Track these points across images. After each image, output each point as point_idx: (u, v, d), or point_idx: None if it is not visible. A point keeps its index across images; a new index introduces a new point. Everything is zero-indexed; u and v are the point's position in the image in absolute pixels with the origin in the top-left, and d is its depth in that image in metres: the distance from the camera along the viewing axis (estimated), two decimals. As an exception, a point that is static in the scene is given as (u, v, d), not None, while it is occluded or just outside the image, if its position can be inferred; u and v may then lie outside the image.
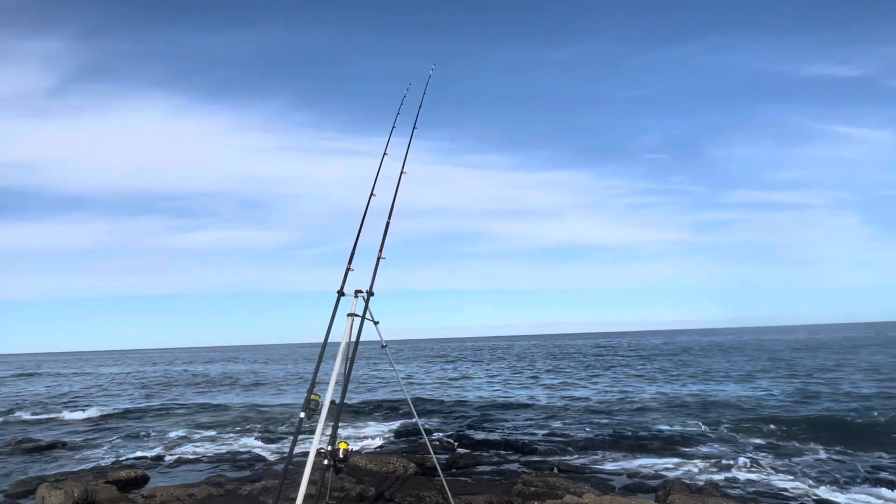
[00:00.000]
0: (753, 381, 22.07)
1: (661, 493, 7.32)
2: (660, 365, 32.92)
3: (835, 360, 30.93)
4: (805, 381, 21.62)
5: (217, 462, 10.78)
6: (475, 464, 9.95)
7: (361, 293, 5.07)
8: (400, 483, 7.90)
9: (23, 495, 8.32)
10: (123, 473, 8.76)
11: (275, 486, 7.51)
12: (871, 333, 79.26)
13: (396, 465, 8.65)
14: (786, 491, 8.06)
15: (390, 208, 5.57)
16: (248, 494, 7.53)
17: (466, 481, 8.34)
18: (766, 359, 34.48)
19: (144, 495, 7.59)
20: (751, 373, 25.64)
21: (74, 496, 7.31)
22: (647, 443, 11.23)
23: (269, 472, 9.23)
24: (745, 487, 8.28)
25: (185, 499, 7.36)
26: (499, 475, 9.00)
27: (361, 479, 8.04)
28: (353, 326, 4.92)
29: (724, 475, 8.96)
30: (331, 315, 4.95)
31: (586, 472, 9.30)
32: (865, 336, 68.88)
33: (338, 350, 4.80)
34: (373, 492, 7.41)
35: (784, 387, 20.04)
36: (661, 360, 37.68)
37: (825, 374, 23.98)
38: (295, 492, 4.24)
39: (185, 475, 9.66)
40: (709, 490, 7.66)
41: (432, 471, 8.22)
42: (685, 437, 11.82)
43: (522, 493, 7.26)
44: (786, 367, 28.11)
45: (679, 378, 24.62)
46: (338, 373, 4.65)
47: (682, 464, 9.86)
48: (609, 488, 8.10)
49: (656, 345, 65.45)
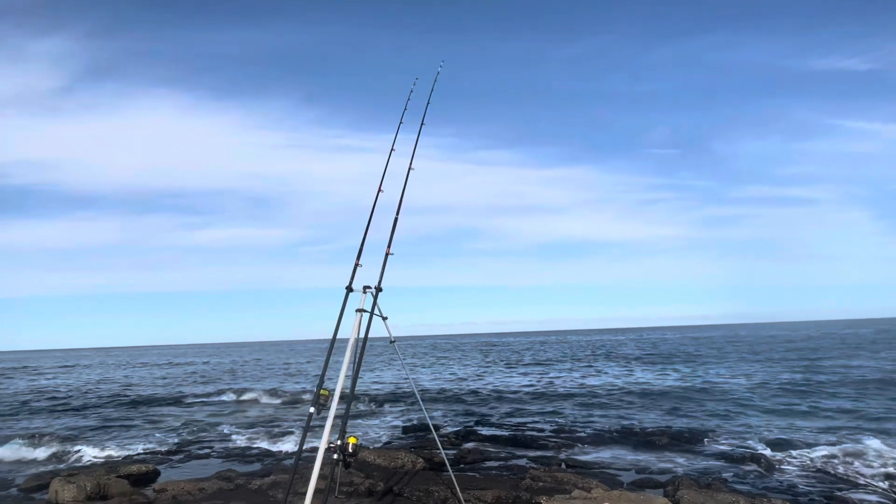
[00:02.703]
0: (761, 376, 21.96)
1: (670, 489, 7.31)
2: (669, 360, 32.81)
3: (849, 356, 30.74)
4: (815, 375, 21.49)
5: (227, 457, 10.86)
6: (483, 459, 9.97)
7: (370, 289, 5.08)
8: (408, 478, 7.93)
9: (36, 489, 8.43)
10: (135, 468, 8.85)
11: (284, 480, 7.57)
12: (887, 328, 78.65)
13: (405, 460, 8.69)
14: (795, 486, 8.03)
15: (398, 204, 5.57)
16: (257, 489, 7.59)
17: (475, 476, 8.36)
18: (777, 354, 34.30)
19: (156, 489, 7.67)
20: (760, 368, 25.52)
21: (87, 490, 7.40)
22: (655, 438, 11.21)
23: (278, 467, 9.30)
24: (755, 483, 8.25)
25: (195, 493, 7.43)
26: (507, 470, 9.02)
27: (370, 473, 8.08)
28: (361, 322, 4.94)
29: (733, 471, 8.93)
30: (340, 311, 4.97)
31: (594, 467, 9.30)
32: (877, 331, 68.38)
33: (346, 346, 4.82)
34: (381, 486, 7.45)
35: (793, 380, 19.93)
36: (670, 355, 37.56)
37: (838, 369, 23.83)
38: (305, 486, 4.27)
39: (195, 470, 9.74)
40: (718, 485, 7.64)
41: (440, 466, 8.25)
42: (694, 431, 11.78)
43: (531, 488, 7.27)
44: (796, 361, 27.96)
45: (687, 372, 24.54)
46: (347, 368, 4.67)
47: (690, 459, 9.84)
48: (617, 483, 8.10)
49: (669, 340, 65.20)
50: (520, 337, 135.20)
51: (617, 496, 6.23)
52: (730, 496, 6.54)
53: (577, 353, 44.41)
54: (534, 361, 37.18)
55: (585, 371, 28.20)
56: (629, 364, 31.42)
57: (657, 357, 36.23)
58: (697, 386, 20.02)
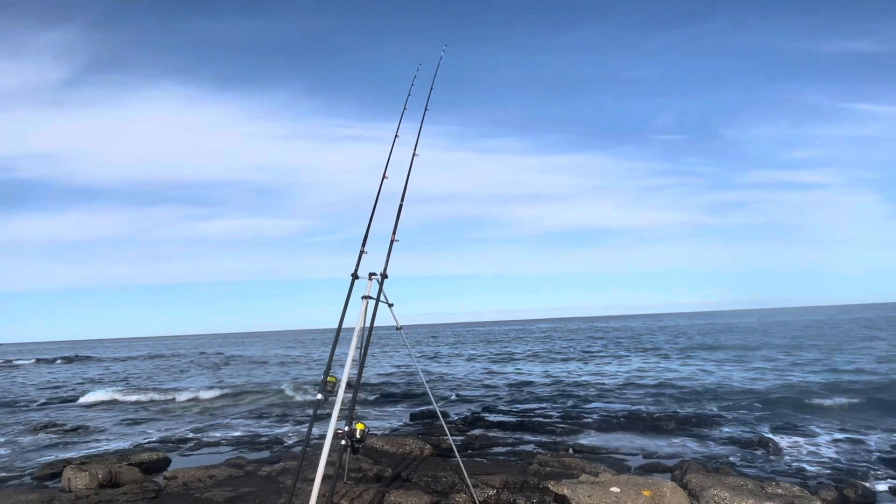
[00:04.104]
0: (769, 362, 21.92)
1: (678, 473, 7.31)
2: (675, 346, 32.75)
3: (857, 340, 30.58)
4: (826, 363, 21.43)
5: (237, 444, 10.95)
6: (490, 445, 10.01)
7: (375, 276, 5.06)
8: (416, 464, 7.97)
9: (49, 477, 8.53)
10: (146, 456, 8.94)
11: (293, 466, 7.61)
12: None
13: (412, 446, 8.72)
14: (804, 470, 8.03)
15: (403, 190, 5.54)
16: (267, 475, 7.65)
17: (482, 462, 8.40)
18: (785, 340, 34.18)
19: (166, 477, 7.74)
20: (767, 354, 25.46)
21: (99, 478, 7.48)
22: (662, 423, 11.22)
23: (287, 454, 9.37)
24: (763, 467, 8.25)
25: (206, 480, 7.49)
26: (514, 456, 9.05)
27: (378, 460, 8.13)
28: (367, 309, 4.93)
29: (741, 455, 8.94)
30: (345, 298, 4.96)
31: (602, 452, 9.32)
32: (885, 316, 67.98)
33: (353, 333, 4.81)
34: (390, 472, 7.49)
35: (801, 367, 19.90)
36: (677, 341, 37.49)
37: (849, 354, 23.73)
38: (313, 472, 4.29)
39: (205, 458, 9.83)
40: (725, 469, 7.64)
41: (448, 452, 8.28)
42: (700, 417, 11.78)
43: (538, 472, 7.29)
44: (804, 348, 27.85)
45: (693, 359, 24.53)
46: (353, 355, 4.67)
47: (698, 443, 9.85)
48: (625, 468, 8.11)
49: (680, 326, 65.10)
50: (526, 325, 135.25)
51: (625, 480, 6.23)
52: (738, 480, 6.53)
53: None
54: (541, 349, 37.18)
55: (593, 358, 28.19)
56: (636, 352, 31.26)
57: (666, 342, 36.07)
58: (701, 372, 19.99)
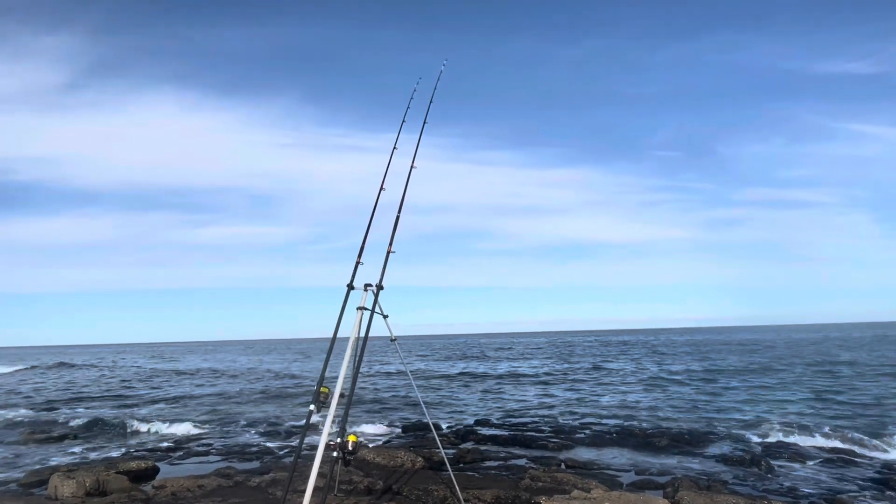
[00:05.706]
0: (764, 379, 21.93)
1: (670, 490, 7.28)
2: (670, 361, 32.76)
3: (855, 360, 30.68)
4: (821, 381, 21.46)
5: (226, 454, 10.85)
6: (482, 459, 9.96)
7: (371, 287, 5.06)
8: (408, 477, 7.92)
9: (36, 485, 8.43)
10: (134, 464, 8.83)
11: (284, 478, 7.56)
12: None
13: (404, 459, 8.67)
14: (796, 490, 8.01)
15: (400, 201, 5.55)
16: (257, 486, 7.58)
17: (474, 476, 8.35)
18: (786, 357, 34.24)
19: (155, 486, 7.66)
20: (766, 371, 25.46)
21: (86, 486, 7.40)
22: (655, 439, 11.19)
23: (277, 465, 9.29)
24: (755, 485, 8.23)
25: (194, 490, 7.42)
26: (506, 470, 9.01)
27: (369, 472, 8.07)
28: (362, 320, 4.92)
29: (733, 472, 8.91)
30: (340, 309, 4.96)
31: (594, 467, 9.28)
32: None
33: (347, 343, 4.80)
34: (381, 485, 7.44)
35: (797, 384, 19.91)
36: (672, 356, 37.50)
37: (843, 376, 23.77)
38: (304, 484, 4.26)
39: (194, 467, 9.73)
40: (717, 487, 7.62)
41: (440, 465, 8.23)
42: (694, 433, 11.76)
43: (530, 488, 7.26)
44: (802, 366, 27.91)
45: (687, 374, 24.51)
46: (347, 366, 4.66)
47: (690, 460, 9.83)
48: (617, 484, 8.08)
49: (675, 342, 65.14)
50: (520, 338, 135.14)
51: (616, 497, 6.21)
52: (730, 498, 6.52)
53: (574, 354, 43.80)
54: (532, 362, 37.11)
55: (583, 374, 28.11)
56: (628, 367, 31.21)
57: (660, 358, 36.05)
58: (693, 389, 19.97)
